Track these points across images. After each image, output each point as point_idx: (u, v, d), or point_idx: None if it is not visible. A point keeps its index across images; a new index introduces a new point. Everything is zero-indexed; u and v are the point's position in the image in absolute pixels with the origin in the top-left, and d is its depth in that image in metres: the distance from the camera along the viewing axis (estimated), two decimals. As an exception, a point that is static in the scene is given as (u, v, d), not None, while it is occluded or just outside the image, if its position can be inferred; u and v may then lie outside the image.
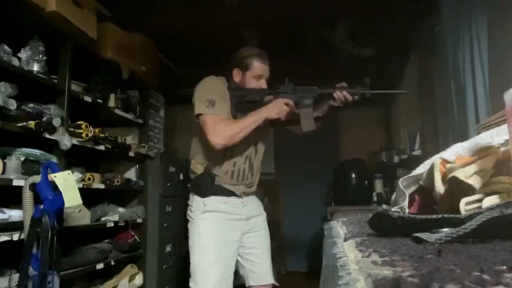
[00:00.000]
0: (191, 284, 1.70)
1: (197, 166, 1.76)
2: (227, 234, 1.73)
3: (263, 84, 1.76)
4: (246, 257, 1.82)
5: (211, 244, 1.69)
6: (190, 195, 1.80)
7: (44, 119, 1.82)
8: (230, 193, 1.76)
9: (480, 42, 1.77)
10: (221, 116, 1.66)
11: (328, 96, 1.69)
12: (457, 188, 0.69)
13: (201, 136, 1.73)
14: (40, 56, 1.90)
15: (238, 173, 1.76)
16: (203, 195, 1.73)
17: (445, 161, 0.77)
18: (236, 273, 1.79)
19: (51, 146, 1.93)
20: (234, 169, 1.75)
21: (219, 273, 1.67)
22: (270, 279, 1.86)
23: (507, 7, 1.62)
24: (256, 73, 1.75)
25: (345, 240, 0.63)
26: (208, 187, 1.73)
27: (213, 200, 1.73)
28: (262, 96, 1.73)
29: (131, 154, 2.67)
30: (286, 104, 1.67)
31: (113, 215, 2.49)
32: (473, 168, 0.68)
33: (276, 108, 1.66)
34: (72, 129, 2.07)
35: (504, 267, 0.33)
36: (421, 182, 0.85)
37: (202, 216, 1.72)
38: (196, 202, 1.75)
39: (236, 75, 1.77)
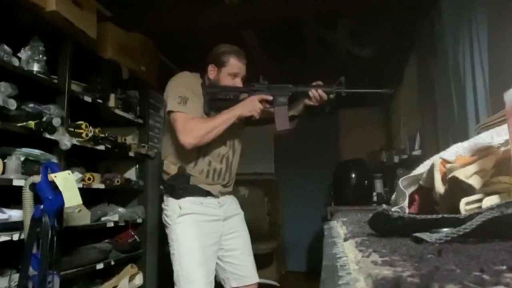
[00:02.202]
0: None
1: (171, 166, 1.69)
2: (206, 236, 1.67)
3: (238, 82, 1.70)
4: (226, 260, 1.76)
5: (192, 248, 1.63)
6: (164, 198, 1.73)
7: (44, 119, 1.82)
8: (206, 193, 1.69)
9: (480, 42, 1.76)
10: (193, 115, 1.61)
11: (303, 95, 1.65)
12: (457, 188, 0.69)
13: (173, 135, 1.67)
14: (40, 56, 1.90)
15: (214, 173, 1.70)
16: (178, 196, 1.67)
17: (445, 161, 0.77)
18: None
19: (51, 146, 1.93)
20: (210, 168, 1.69)
21: (203, 278, 1.61)
22: (253, 279, 1.81)
23: (507, 7, 1.62)
24: (232, 70, 1.69)
25: (345, 240, 0.63)
26: (183, 187, 1.66)
27: (189, 202, 1.66)
28: (236, 94, 1.68)
29: (131, 154, 2.67)
30: (260, 102, 1.62)
31: (113, 215, 2.49)
32: (473, 168, 0.68)
33: (249, 106, 1.62)
34: (72, 129, 2.07)
35: (504, 267, 0.34)
36: (421, 182, 0.85)
37: (179, 220, 1.65)
38: (171, 205, 1.68)
39: (211, 72, 1.71)
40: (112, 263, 2.37)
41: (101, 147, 2.31)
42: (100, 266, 2.25)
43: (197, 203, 1.68)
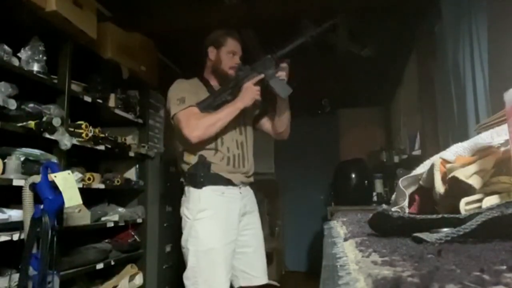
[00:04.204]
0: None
1: (191, 156, 1.70)
2: (226, 233, 1.66)
3: (237, 60, 1.80)
4: (238, 256, 1.72)
5: (213, 246, 1.62)
6: (186, 189, 1.73)
7: (44, 119, 1.82)
8: (228, 182, 1.70)
9: (480, 42, 1.76)
10: (193, 107, 1.67)
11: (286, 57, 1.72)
12: (457, 188, 0.69)
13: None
14: (40, 56, 1.90)
15: (234, 159, 1.72)
16: (199, 185, 1.66)
17: (445, 161, 0.77)
18: None
19: (51, 146, 1.93)
20: (229, 155, 1.71)
21: (223, 276, 1.61)
22: (263, 280, 1.78)
23: (507, 8, 1.62)
24: (230, 48, 1.80)
25: (345, 240, 0.63)
26: (204, 175, 1.66)
27: (210, 192, 1.66)
28: (228, 93, 1.73)
29: (131, 154, 2.67)
30: (255, 85, 1.69)
31: (113, 215, 2.48)
32: (473, 168, 0.68)
33: (248, 95, 1.68)
34: (72, 129, 2.07)
35: (504, 267, 0.33)
36: (421, 182, 0.85)
37: (200, 216, 1.64)
38: (192, 198, 1.67)
39: (211, 53, 1.82)
40: (112, 263, 2.37)
41: (101, 147, 2.31)
42: (100, 266, 2.25)
43: (218, 194, 1.68)
